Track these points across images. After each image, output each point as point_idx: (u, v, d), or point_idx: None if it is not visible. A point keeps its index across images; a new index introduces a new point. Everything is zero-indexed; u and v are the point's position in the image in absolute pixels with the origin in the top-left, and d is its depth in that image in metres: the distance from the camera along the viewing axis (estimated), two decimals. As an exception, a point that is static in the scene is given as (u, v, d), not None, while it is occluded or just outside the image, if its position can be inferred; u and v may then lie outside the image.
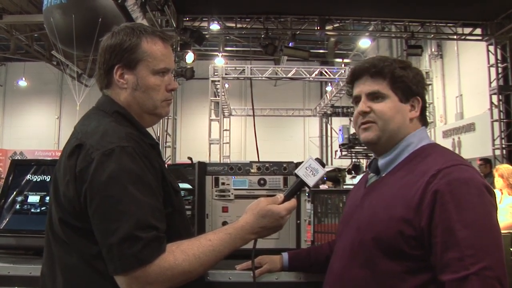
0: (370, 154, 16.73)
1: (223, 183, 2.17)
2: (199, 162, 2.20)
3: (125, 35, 1.48)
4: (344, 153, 17.12)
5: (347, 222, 1.58)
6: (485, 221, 1.28)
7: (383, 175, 1.54)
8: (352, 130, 15.66)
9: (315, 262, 1.84)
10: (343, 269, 1.49)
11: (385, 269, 1.37)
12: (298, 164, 2.14)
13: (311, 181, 1.54)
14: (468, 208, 1.27)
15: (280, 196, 1.51)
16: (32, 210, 2.17)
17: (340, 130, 16.30)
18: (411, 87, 1.52)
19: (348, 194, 1.85)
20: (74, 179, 1.34)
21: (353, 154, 17.22)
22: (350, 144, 15.86)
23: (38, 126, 23.03)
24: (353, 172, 16.32)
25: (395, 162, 1.52)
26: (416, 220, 1.32)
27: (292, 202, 1.50)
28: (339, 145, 16.48)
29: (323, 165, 1.56)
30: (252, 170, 2.17)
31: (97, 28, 11.11)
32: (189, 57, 10.45)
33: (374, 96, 1.52)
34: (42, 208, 2.16)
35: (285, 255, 1.86)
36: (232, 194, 2.16)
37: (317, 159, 1.58)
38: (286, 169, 2.18)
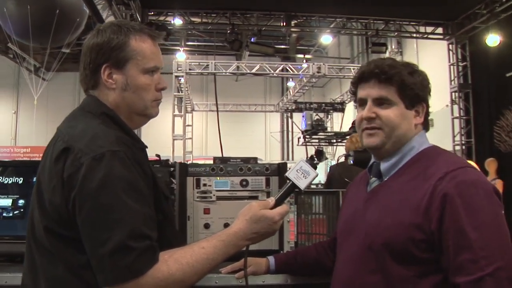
0: (332, 141, 16.75)
1: (204, 184, 2.13)
2: (180, 163, 2.16)
3: (112, 33, 1.41)
4: (307, 139, 16.84)
5: (350, 228, 1.56)
6: (495, 222, 1.30)
7: (386, 179, 1.53)
8: (316, 117, 15.65)
9: (302, 264, 1.83)
10: (352, 276, 1.47)
11: (397, 273, 1.36)
12: (286, 165, 2.13)
13: (302, 183, 1.50)
14: (478, 209, 1.29)
15: (272, 200, 1.46)
16: (4, 214, 2.06)
17: (303, 116, 15.96)
18: (419, 94, 1.52)
19: (344, 198, 1.83)
20: (61, 185, 1.27)
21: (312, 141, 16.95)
22: (313, 130, 15.67)
23: (-6, 121, 22.08)
24: (315, 158, 16.18)
25: (398, 166, 1.51)
26: (426, 224, 1.32)
27: (285, 207, 1.47)
28: (302, 131, 16.21)
29: (314, 167, 1.52)
30: (234, 171, 2.15)
31: (55, 20, 10.80)
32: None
33: (381, 102, 1.50)
34: (15, 212, 2.06)
35: (271, 258, 1.84)
36: (214, 195, 2.13)
37: (307, 161, 1.54)
38: (268, 169, 2.17)
